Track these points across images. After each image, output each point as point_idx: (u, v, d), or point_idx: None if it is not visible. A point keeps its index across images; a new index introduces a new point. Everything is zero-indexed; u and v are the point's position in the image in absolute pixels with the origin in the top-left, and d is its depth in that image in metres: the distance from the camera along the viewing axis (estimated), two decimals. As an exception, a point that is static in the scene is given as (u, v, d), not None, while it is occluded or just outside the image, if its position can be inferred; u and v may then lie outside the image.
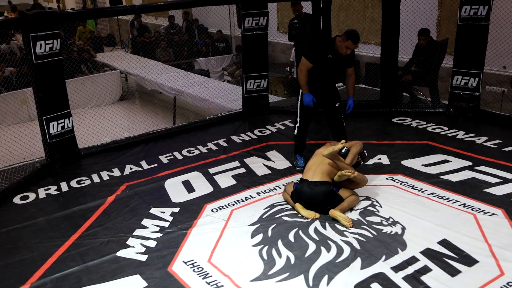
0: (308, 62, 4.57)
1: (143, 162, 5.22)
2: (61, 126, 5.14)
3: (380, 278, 3.05)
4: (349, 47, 4.41)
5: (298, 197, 3.92)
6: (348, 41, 4.37)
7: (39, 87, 4.93)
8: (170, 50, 12.21)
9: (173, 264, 3.35)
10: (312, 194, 3.83)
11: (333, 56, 4.54)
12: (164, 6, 7.54)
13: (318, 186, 3.84)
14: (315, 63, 4.57)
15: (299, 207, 3.88)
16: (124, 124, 7.02)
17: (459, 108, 6.06)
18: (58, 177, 4.93)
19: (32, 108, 7.04)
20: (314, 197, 3.83)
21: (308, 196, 3.85)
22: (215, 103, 7.77)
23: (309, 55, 4.60)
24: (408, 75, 6.84)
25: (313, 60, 4.57)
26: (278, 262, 3.29)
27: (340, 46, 4.43)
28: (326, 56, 4.55)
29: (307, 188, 3.86)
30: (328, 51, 4.54)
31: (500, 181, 4.27)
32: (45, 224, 4.02)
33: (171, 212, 4.08)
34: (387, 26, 6.18)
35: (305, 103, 4.68)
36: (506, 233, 3.47)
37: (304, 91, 4.67)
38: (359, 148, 4.29)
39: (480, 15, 5.60)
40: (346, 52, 4.45)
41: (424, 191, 4.17)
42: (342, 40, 4.40)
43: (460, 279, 3.01)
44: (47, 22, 4.80)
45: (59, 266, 3.40)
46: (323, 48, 4.59)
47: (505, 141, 5.15)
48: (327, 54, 4.55)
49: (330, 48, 4.54)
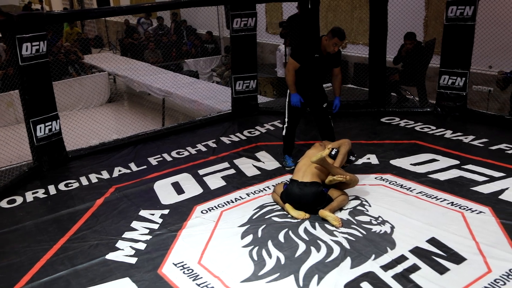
0: (295, 62, 4.59)
1: (132, 164, 5.19)
2: (49, 129, 5.10)
3: (370, 277, 3.07)
4: (337, 44, 4.45)
5: (288, 197, 3.92)
6: (334, 38, 4.41)
7: (25, 90, 4.88)
8: (158, 51, 12.17)
9: (163, 266, 3.33)
10: (302, 195, 3.84)
11: (320, 55, 4.57)
12: (152, 7, 7.53)
13: (308, 187, 3.85)
14: (302, 63, 4.59)
15: (289, 207, 3.89)
16: (113, 126, 6.98)
17: (447, 108, 6.11)
18: (45, 180, 4.90)
19: (19, 111, 6.97)
20: (303, 198, 3.84)
21: (297, 197, 3.85)
22: (204, 104, 7.76)
23: (296, 55, 4.62)
24: (396, 75, 6.88)
25: (300, 60, 4.59)
26: (268, 262, 3.29)
27: (327, 44, 4.47)
28: (313, 55, 4.57)
29: (297, 189, 3.87)
30: (315, 50, 4.57)
31: (487, 179, 4.31)
32: (33, 228, 3.98)
33: (161, 214, 4.07)
34: (375, 27, 6.21)
35: (293, 104, 4.69)
36: (493, 231, 3.50)
37: (291, 91, 4.68)
38: (348, 147, 4.30)
39: (466, 15, 5.65)
40: (334, 50, 4.49)
41: (412, 190, 4.20)
42: (329, 38, 4.45)
43: (448, 277, 3.03)
44: (33, 24, 4.76)
45: (47, 270, 3.37)
46: (310, 47, 4.61)
47: (491, 139, 5.20)
48: (313, 54, 4.57)
49: (316, 48, 4.56)
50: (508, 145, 5.01)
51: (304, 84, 4.69)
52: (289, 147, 4.94)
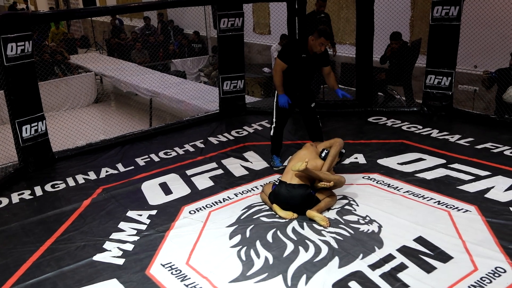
0: (283, 63, 4.59)
1: (119, 164, 5.16)
2: (34, 130, 5.05)
3: (358, 276, 3.08)
4: (323, 44, 4.48)
5: (276, 198, 3.92)
6: (320, 38, 4.44)
7: (11, 90, 4.83)
8: (145, 52, 12.11)
9: (151, 267, 3.32)
10: (290, 197, 3.84)
11: (307, 55, 4.59)
12: (139, 7, 7.49)
13: (296, 189, 3.85)
14: (290, 63, 4.59)
15: (277, 208, 3.89)
16: (100, 126, 6.95)
17: (433, 107, 6.16)
18: (32, 181, 4.85)
19: (4, 112, 6.90)
20: (291, 200, 3.84)
21: (285, 199, 3.86)
22: (192, 104, 7.75)
23: (283, 55, 4.62)
24: (382, 74, 6.92)
25: (287, 61, 4.59)
26: (256, 262, 3.29)
27: (314, 44, 4.49)
28: (300, 55, 4.59)
29: (285, 191, 3.87)
30: (302, 50, 4.58)
31: (473, 178, 4.35)
32: (19, 230, 3.94)
33: (148, 214, 4.05)
34: (361, 27, 6.24)
35: (280, 105, 4.68)
36: (479, 229, 3.54)
37: (279, 92, 4.68)
38: (339, 148, 4.23)
39: (451, 16, 5.70)
40: (320, 50, 4.52)
41: (399, 189, 4.23)
42: (315, 38, 4.47)
43: (435, 275, 3.05)
44: (18, 24, 4.71)
45: (33, 272, 3.34)
46: (297, 48, 4.63)
47: (477, 139, 5.25)
48: (300, 54, 4.58)
49: (303, 48, 4.58)
50: (493, 144, 5.07)
51: (292, 84, 4.69)
52: (277, 147, 4.95)
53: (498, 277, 2.99)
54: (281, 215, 3.84)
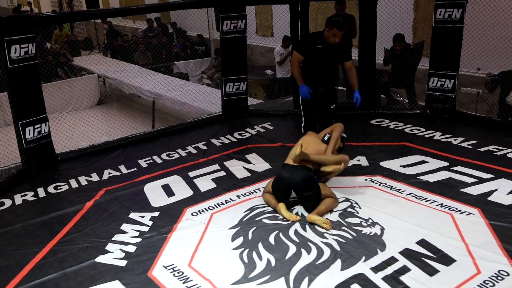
0: (299, 54, 4.63)
1: (122, 166, 5.17)
2: (38, 131, 5.07)
3: (360, 279, 3.07)
4: (336, 35, 4.48)
5: (278, 183, 3.93)
6: (333, 29, 4.46)
7: (14, 92, 4.85)
8: (148, 54, 12.13)
9: (153, 269, 3.32)
10: (291, 178, 3.85)
11: (323, 46, 4.59)
12: (142, 10, 7.52)
13: (298, 170, 3.86)
14: (306, 55, 4.62)
15: (282, 207, 3.86)
16: (102, 128, 6.95)
17: (436, 110, 6.15)
18: (35, 183, 4.86)
19: (8, 113, 6.93)
20: (293, 181, 3.85)
21: (287, 179, 3.87)
22: (194, 106, 7.75)
23: (298, 46, 4.67)
24: (385, 76, 6.92)
25: (303, 51, 4.62)
26: (258, 265, 3.29)
27: (328, 35, 4.52)
28: (315, 46, 4.59)
29: (286, 173, 3.89)
30: (317, 41, 4.60)
31: (476, 181, 4.34)
32: (21, 231, 3.95)
33: (151, 216, 4.05)
34: (364, 29, 6.24)
35: (301, 94, 4.70)
36: (482, 232, 3.53)
37: (298, 83, 4.71)
38: (340, 130, 4.32)
39: (454, 18, 5.70)
40: (334, 41, 4.52)
41: (402, 192, 4.22)
42: (328, 29, 4.50)
43: (438, 278, 3.04)
44: (22, 26, 4.73)
45: (36, 273, 3.34)
46: (312, 39, 4.66)
47: (480, 141, 5.24)
48: (316, 45, 4.59)
49: (319, 39, 4.59)
50: (496, 147, 5.05)
51: (313, 78, 4.70)
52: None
53: (501, 280, 2.98)
54: (285, 215, 3.81)
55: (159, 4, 12.81)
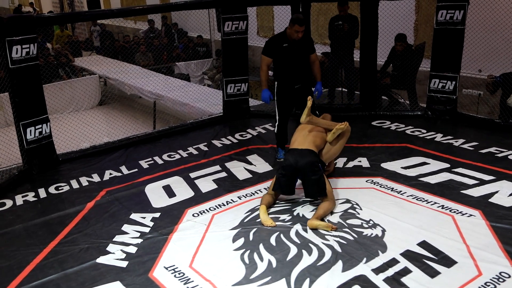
0: (267, 57, 4.82)
1: (123, 167, 5.17)
2: (39, 132, 5.07)
3: (361, 280, 3.07)
4: (298, 31, 4.60)
5: (284, 168, 3.98)
6: (295, 26, 4.60)
7: (15, 92, 4.85)
8: (149, 54, 12.14)
9: (154, 270, 3.32)
10: (297, 162, 3.92)
11: (288, 44, 4.74)
12: (143, 10, 7.52)
13: (303, 154, 3.95)
14: (274, 56, 4.79)
15: (262, 210, 3.88)
16: (104, 129, 6.95)
17: (437, 111, 6.15)
18: (36, 184, 4.86)
19: (9, 114, 6.93)
20: (299, 164, 3.91)
21: (293, 163, 3.93)
22: (196, 107, 7.75)
23: (264, 50, 4.85)
24: (387, 78, 6.91)
25: (270, 53, 4.80)
26: (259, 266, 3.29)
27: (291, 32, 4.66)
28: (281, 45, 4.75)
29: (292, 158, 3.97)
30: (282, 41, 4.75)
31: (477, 182, 4.33)
32: (22, 232, 3.95)
33: (152, 217, 4.05)
34: (365, 30, 6.24)
35: (262, 98, 4.90)
36: (483, 234, 3.52)
37: (262, 87, 4.89)
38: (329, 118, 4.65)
39: (456, 20, 5.69)
40: (298, 36, 4.65)
41: (403, 193, 4.22)
42: (290, 27, 4.64)
43: (439, 280, 3.04)
44: (23, 26, 4.73)
45: (37, 274, 3.34)
46: (276, 40, 4.81)
47: (481, 143, 5.23)
48: (281, 44, 4.75)
49: (283, 38, 4.75)
50: (497, 149, 5.05)
51: (287, 76, 4.85)
52: (282, 141, 5.05)
53: (502, 282, 2.98)
54: (261, 218, 3.82)
55: (161, 5, 12.83)
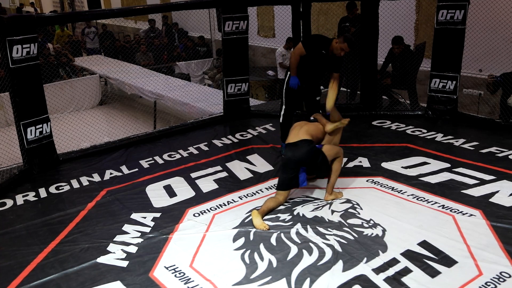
0: (303, 49, 4.76)
1: (123, 167, 5.17)
2: (39, 131, 5.07)
3: (362, 280, 3.07)
4: (344, 50, 4.62)
5: (285, 166, 4.01)
6: (344, 44, 4.60)
7: (16, 92, 4.85)
8: (150, 54, 12.14)
9: (155, 269, 3.32)
10: (296, 155, 3.94)
11: (326, 53, 4.74)
12: (144, 10, 7.52)
13: (299, 146, 3.96)
14: (309, 53, 4.75)
15: (254, 215, 3.83)
16: (104, 128, 6.95)
17: (437, 111, 6.14)
18: (36, 183, 4.86)
19: (9, 113, 6.93)
20: (298, 157, 3.93)
21: (292, 157, 3.95)
22: (196, 107, 7.75)
23: (307, 43, 4.82)
24: (387, 79, 6.91)
25: (308, 49, 4.75)
26: (260, 266, 3.29)
27: (336, 47, 4.64)
28: (320, 51, 4.74)
29: (290, 152, 3.98)
30: (323, 47, 4.73)
31: (478, 182, 4.33)
32: (23, 231, 3.95)
33: (153, 217, 4.05)
34: (366, 30, 6.24)
35: (291, 85, 4.86)
36: (484, 234, 3.52)
37: (292, 74, 4.86)
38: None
39: (456, 19, 5.69)
40: (340, 54, 4.67)
41: (403, 193, 4.22)
42: (339, 42, 4.61)
43: (440, 280, 3.04)
44: (24, 26, 4.73)
45: (37, 274, 3.34)
46: (320, 42, 4.78)
47: (482, 143, 5.23)
48: (321, 49, 4.74)
49: (325, 45, 4.73)
50: (498, 148, 5.05)
51: (302, 76, 4.85)
52: (286, 134, 4.98)
53: (502, 282, 2.98)
54: (254, 223, 3.79)
55: (161, 4, 12.83)
